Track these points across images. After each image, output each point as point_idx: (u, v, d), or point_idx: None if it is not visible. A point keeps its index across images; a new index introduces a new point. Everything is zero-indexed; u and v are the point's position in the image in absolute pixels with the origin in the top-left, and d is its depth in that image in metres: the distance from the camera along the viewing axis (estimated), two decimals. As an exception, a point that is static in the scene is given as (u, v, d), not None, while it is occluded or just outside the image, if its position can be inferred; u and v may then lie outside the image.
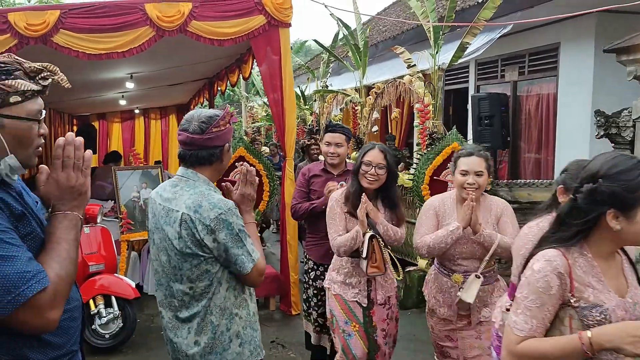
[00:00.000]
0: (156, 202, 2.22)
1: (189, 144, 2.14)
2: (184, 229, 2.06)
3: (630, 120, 4.28)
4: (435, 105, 5.88)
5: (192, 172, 2.17)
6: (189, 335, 2.13)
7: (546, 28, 6.92)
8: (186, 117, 2.20)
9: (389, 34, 10.11)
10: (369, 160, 3.18)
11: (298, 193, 4.11)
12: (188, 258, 2.09)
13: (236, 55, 7.76)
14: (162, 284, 2.21)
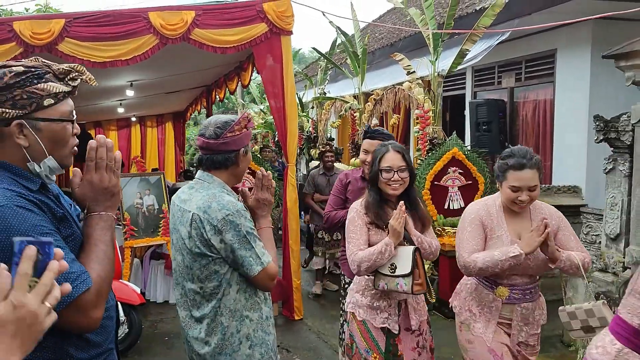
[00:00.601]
0: (175, 203, 2.31)
1: (205, 149, 2.21)
2: (194, 228, 2.12)
3: (629, 125, 4.35)
4: (435, 111, 5.95)
5: (207, 175, 2.24)
6: (199, 335, 2.18)
7: (542, 35, 7.01)
8: (204, 122, 2.28)
9: (385, 41, 10.20)
10: (388, 166, 2.84)
11: (334, 200, 3.85)
12: (197, 258, 2.14)
13: (235, 63, 7.82)
14: (179, 283, 2.27)
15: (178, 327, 5.42)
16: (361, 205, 2.92)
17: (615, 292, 4.48)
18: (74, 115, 1.56)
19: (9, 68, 1.41)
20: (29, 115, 1.43)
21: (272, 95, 5.73)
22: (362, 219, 2.87)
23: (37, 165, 1.48)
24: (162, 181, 5.84)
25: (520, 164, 2.66)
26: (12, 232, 1.31)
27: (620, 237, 4.57)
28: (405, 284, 2.68)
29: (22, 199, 1.39)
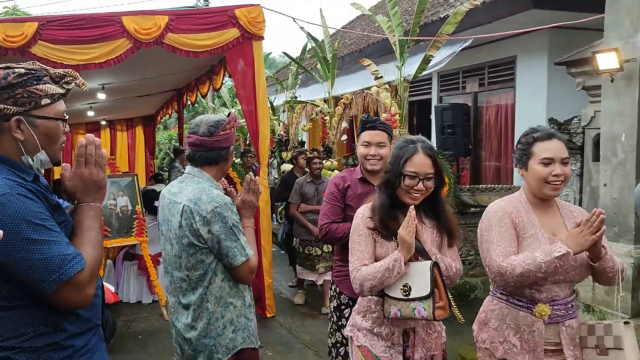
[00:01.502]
0: (165, 196, 2.46)
1: (198, 145, 2.35)
2: (184, 219, 2.27)
3: (580, 127, 4.65)
4: (402, 114, 6.19)
5: (198, 170, 2.39)
6: (186, 321, 2.34)
7: (504, 42, 7.34)
8: (195, 121, 2.43)
9: (354, 47, 10.45)
10: (414, 172, 2.26)
11: (330, 208, 3.13)
12: (186, 247, 2.29)
13: (207, 66, 7.93)
14: (168, 272, 2.43)
15: (151, 326, 5.56)
16: (368, 209, 2.42)
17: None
18: (66, 115, 1.71)
19: (12, 69, 1.56)
20: (27, 112, 1.59)
21: (244, 99, 5.88)
22: (369, 227, 2.37)
23: (31, 158, 1.62)
24: (135, 183, 5.92)
25: (549, 134, 2.32)
26: (16, 217, 1.46)
27: (573, 232, 4.86)
28: (425, 309, 2.18)
29: (22, 188, 1.54)
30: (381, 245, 2.34)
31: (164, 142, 20.94)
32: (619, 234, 4.02)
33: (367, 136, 3.00)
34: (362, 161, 3.04)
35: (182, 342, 2.38)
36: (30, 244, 1.48)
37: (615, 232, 4.05)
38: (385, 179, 2.37)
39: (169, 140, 20.88)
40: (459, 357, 4.41)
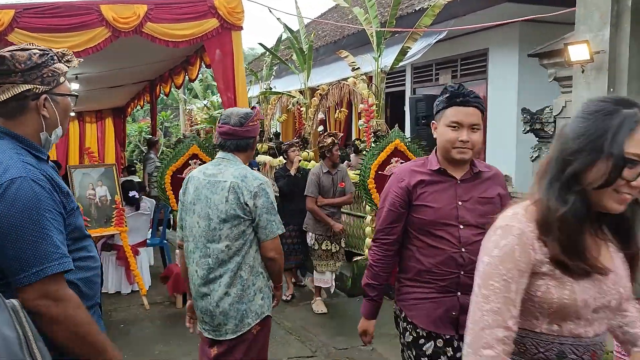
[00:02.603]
0: (199, 178, 2.67)
1: (230, 134, 2.63)
2: (232, 193, 2.54)
3: (552, 117, 4.84)
4: (379, 105, 6.31)
5: (232, 155, 2.66)
6: (219, 288, 2.57)
7: (476, 35, 7.53)
8: (225, 113, 2.73)
9: (329, 38, 10.53)
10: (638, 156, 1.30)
11: (385, 219, 2.32)
12: (230, 219, 2.54)
13: (182, 57, 7.89)
14: (199, 247, 2.61)
15: (133, 315, 5.59)
16: (528, 221, 1.39)
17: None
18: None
19: (31, 50, 1.61)
20: (51, 90, 1.67)
21: (224, 89, 5.91)
22: (529, 254, 1.36)
23: (49, 134, 1.68)
24: (114, 173, 5.91)
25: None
26: (25, 204, 1.51)
27: (545, 218, 5.06)
28: None
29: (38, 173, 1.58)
30: (561, 285, 1.37)
31: (134, 135, 20.66)
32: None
33: (458, 114, 2.17)
34: (445, 147, 2.20)
35: (213, 308, 2.58)
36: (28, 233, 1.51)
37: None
38: (571, 170, 1.34)
39: (139, 133, 20.61)
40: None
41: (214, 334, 2.63)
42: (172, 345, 4.84)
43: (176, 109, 23.46)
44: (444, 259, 2.20)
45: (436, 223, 2.22)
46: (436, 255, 2.22)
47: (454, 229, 2.20)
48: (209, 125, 14.52)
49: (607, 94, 4.04)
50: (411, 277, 2.32)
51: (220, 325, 2.60)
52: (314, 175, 5.65)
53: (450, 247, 2.19)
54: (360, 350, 4.77)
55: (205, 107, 15.23)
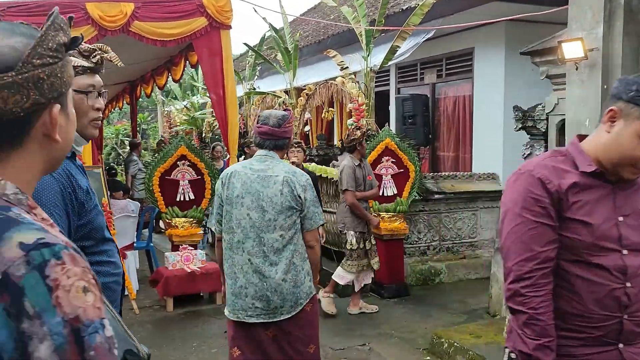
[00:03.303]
0: (246, 173, 2.84)
1: (269, 134, 2.86)
2: (286, 187, 2.77)
3: (544, 114, 4.88)
4: (369, 104, 6.31)
5: (273, 152, 2.89)
6: (277, 274, 2.78)
7: (461, 34, 7.58)
8: (264, 114, 2.95)
9: (312, 38, 10.50)
10: None
11: (531, 236, 1.60)
12: (285, 210, 2.78)
13: (166, 57, 7.79)
14: (250, 237, 2.79)
15: (124, 320, 5.43)
16: None
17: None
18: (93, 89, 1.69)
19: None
20: None
21: (213, 87, 5.84)
22: None
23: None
24: (101, 175, 5.77)
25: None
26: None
27: (537, 214, 5.10)
28: None
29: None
30: None
31: (111, 137, 20.32)
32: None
33: None
34: (624, 159, 1.58)
35: (271, 294, 2.77)
36: None
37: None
38: None
39: (116, 135, 20.28)
40: (435, 336, 4.56)
41: (268, 317, 2.81)
42: (166, 349, 4.74)
43: (153, 111, 23.16)
44: (601, 297, 1.59)
45: (593, 246, 1.59)
46: (591, 292, 1.60)
47: (615, 256, 1.60)
48: (189, 127, 14.37)
49: (601, 91, 4.08)
50: None
51: (277, 308, 2.80)
52: (350, 168, 5.34)
53: (611, 281, 1.59)
54: (358, 350, 4.74)
55: (186, 108, 15.05)
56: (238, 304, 2.82)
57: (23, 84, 0.82)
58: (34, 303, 0.72)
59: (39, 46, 0.84)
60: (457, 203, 6.97)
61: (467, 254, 7.04)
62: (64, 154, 0.97)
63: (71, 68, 0.94)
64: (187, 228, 6.08)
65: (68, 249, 0.79)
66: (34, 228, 0.80)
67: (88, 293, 0.77)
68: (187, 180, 6.15)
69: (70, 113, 0.95)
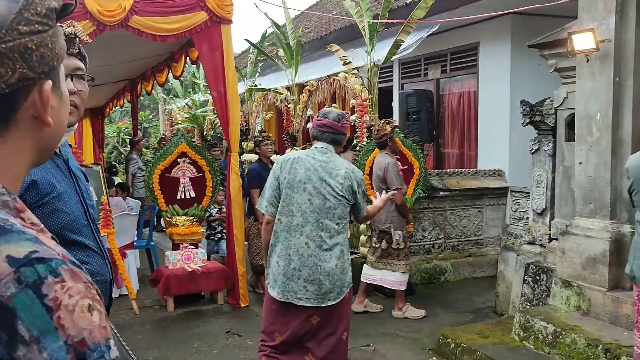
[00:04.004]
0: (309, 161, 3.02)
1: (329, 127, 3.05)
2: (347, 180, 2.99)
3: (552, 109, 4.76)
4: (372, 99, 6.19)
5: (331, 147, 3.09)
6: (330, 260, 2.95)
7: (466, 28, 7.45)
8: (324, 110, 3.20)
9: (314, 34, 10.38)
10: None
11: None
12: (342, 200, 2.99)
13: (166, 54, 7.69)
14: (310, 221, 2.96)
15: (121, 320, 5.43)
16: None
17: (542, 262, 4.89)
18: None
19: None
20: None
21: (214, 84, 5.73)
22: None
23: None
24: (100, 173, 5.67)
25: None
26: None
27: (545, 211, 5.00)
28: None
29: None
30: None
31: (112, 136, 20.24)
32: (594, 211, 4.14)
33: None
34: None
35: (323, 278, 2.93)
36: None
37: (591, 209, 4.17)
38: None
39: (117, 134, 20.20)
40: (441, 336, 4.45)
41: (316, 302, 2.94)
42: (166, 350, 4.64)
43: (155, 109, 23.06)
44: None
45: None
46: None
47: None
48: (190, 125, 14.24)
49: (613, 83, 3.96)
50: None
51: (326, 293, 2.94)
52: (395, 166, 5.22)
53: None
54: (362, 350, 4.64)
55: (187, 105, 14.92)
56: (289, 285, 2.94)
57: (7, 54, 0.69)
58: (31, 326, 0.61)
59: (26, 10, 0.71)
60: (463, 200, 6.86)
61: (472, 252, 6.93)
62: (56, 141, 0.83)
63: (62, 39, 0.79)
64: (187, 226, 5.99)
65: (66, 263, 0.67)
66: (25, 238, 0.67)
67: (94, 312, 0.66)
68: (188, 178, 6.05)
69: (63, 92, 0.81)
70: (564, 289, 4.28)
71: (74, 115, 1.69)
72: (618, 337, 3.71)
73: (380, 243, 5.37)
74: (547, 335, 3.99)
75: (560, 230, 4.60)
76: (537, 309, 4.44)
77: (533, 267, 4.86)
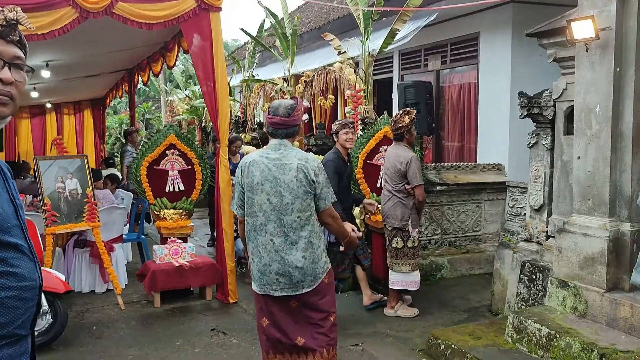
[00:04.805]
0: (263, 162, 3.09)
1: (280, 124, 3.11)
2: (300, 173, 3.03)
3: (550, 101, 4.56)
4: (367, 90, 6.00)
5: (286, 141, 3.14)
6: (297, 253, 3.06)
7: (466, 18, 7.23)
8: (273, 105, 3.20)
9: (313, 24, 10.19)
10: None
11: None
12: (300, 194, 3.03)
13: (160, 43, 7.53)
14: (271, 220, 3.06)
15: (107, 316, 5.24)
16: None
17: (539, 260, 4.70)
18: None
19: None
20: None
21: (203, 73, 5.56)
22: None
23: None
24: (85, 164, 5.52)
25: None
26: None
27: (543, 207, 4.80)
28: None
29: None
30: None
31: (115, 127, 20.13)
32: (593, 208, 3.95)
33: None
34: None
35: (292, 270, 3.04)
36: None
37: (589, 206, 3.97)
38: None
39: (120, 125, 20.08)
40: (432, 337, 4.28)
41: (291, 291, 3.08)
42: (147, 348, 4.50)
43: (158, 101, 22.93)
44: None
45: None
46: None
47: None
48: (190, 116, 14.09)
49: (614, 74, 3.75)
50: None
51: (299, 282, 3.07)
52: (417, 161, 5.01)
53: None
54: (350, 350, 4.48)
55: (187, 97, 14.78)
56: (264, 279, 3.10)
57: None
58: None
59: None
60: (461, 195, 6.66)
61: (470, 248, 6.75)
62: None
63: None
64: (176, 220, 5.84)
65: None
66: None
67: None
68: (177, 170, 5.89)
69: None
70: (560, 289, 4.09)
71: (8, 107, 1.51)
72: (615, 341, 3.53)
73: (393, 241, 5.11)
74: (540, 337, 3.81)
75: (558, 227, 4.40)
76: (531, 309, 4.25)
77: (529, 265, 4.68)
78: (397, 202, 5.04)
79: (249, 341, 4.62)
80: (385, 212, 5.10)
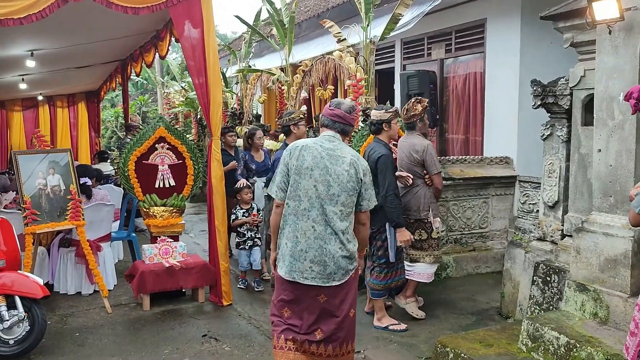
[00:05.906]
0: (317, 149, 3.10)
1: (340, 117, 3.18)
2: (352, 168, 3.08)
3: (567, 89, 4.23)
4: (368, 80, 5.66)
5: (339, 136, 3.19)
6: (335, 244, 3.07)
7: (472, 4, 6.88)
8: (334, 101, 3.27)
9: (312, 12, 9.83)
10: None
11: None
12: (348, 189, 3.07)
13: (152, 32, 7.21)
14: (315, 207, 3.06)
15: (91, 320, 4.91)
16: None
17: (554, 261, 4.38)
18: None
19: None
20: None
21: (193, 62, 5.23)
22: None
23: None
24: (69, 159, 5.19)
25: None
26: None
27: (558, 204, 4.47)
28: None
29: None
30: None
31: (111, 120, 19.78)
32: (615, 205, 3.62)
33: None
34: None
35: (328, 260, 3.05)
36: None
37: (611, 203, 3.65)
38: None
39: (115, 118, 19.72)
40: (439, 344, 3.96)
41: (321, 281, 3.07)
42: (133, 356, 4.18)
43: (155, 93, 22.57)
44: None
45: None
46: None
47: None
48: (187, 109, 13.74)
49: (639, 59, 3.41)
50: None
51: (331, 274, 3.07)
52: (433, 149, 4.88)
53: None
54: (351, 358, 4.15)
55: (183, 89, 14.42)
56: (296, 265, 3.08)
57: None
58: None
59: None
60: (467, 190, 6.34)
61: (477, 245, 6.43)
62: None
63: None
64: (166, 218, 5.51)
65: None
66: None
67: None
68: (167, 165, 5.57)
69: None
70: (579, 293, 3.77)
71: None
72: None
73: (416, 234, 4.82)
74: (559, 347, 3.49)
75: (575, 226, 4.08)
76: (547, 315, 3.93)
77: (543, 266, 4.35)
78: (416, 194, 4.85)
79: (242, 348, 4.31)
80: (404, 205, 4.81)
